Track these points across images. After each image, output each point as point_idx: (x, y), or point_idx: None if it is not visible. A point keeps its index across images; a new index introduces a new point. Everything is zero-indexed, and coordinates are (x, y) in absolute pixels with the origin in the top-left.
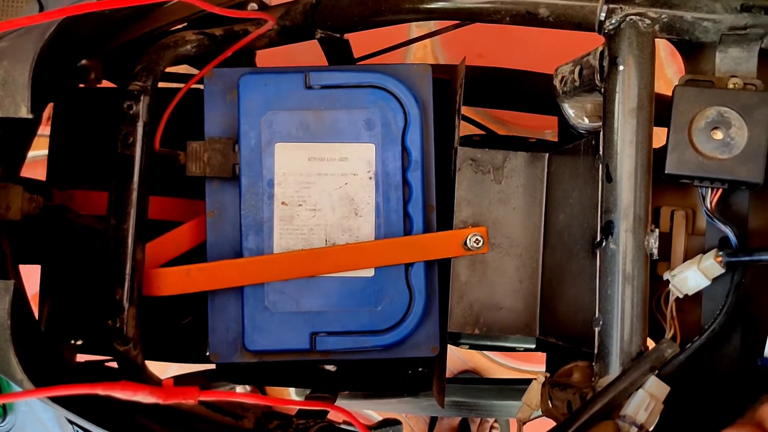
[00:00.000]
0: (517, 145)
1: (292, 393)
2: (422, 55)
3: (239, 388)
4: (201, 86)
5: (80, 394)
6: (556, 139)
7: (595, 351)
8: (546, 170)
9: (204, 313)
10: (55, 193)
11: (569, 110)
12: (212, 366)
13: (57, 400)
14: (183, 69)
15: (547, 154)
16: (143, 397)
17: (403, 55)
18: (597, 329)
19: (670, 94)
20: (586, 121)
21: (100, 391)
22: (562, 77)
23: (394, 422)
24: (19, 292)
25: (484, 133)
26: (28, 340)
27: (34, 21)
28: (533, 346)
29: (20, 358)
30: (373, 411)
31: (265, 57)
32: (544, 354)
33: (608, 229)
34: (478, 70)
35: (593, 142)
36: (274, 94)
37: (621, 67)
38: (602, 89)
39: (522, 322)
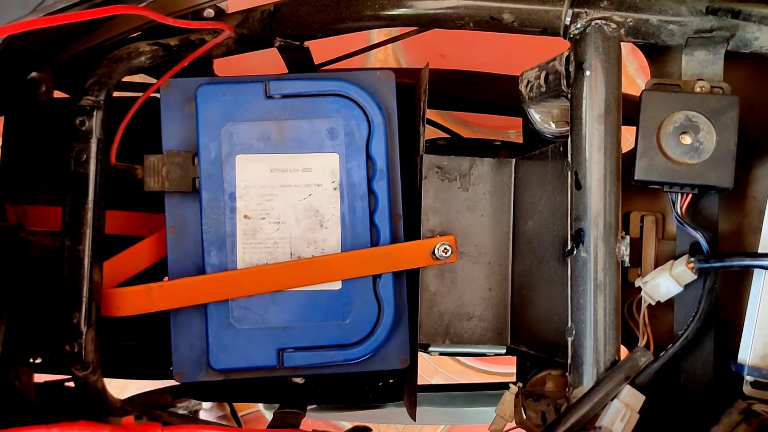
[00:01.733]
0: (483, 148)
1: (260, 406)
2: (383, 57)
3: (205, 404)
4: (158, 95)
5: None
6: (520, 140)
7: (569, 361)
8: (513, 176)
9: (163, 330)
10: (8, 208)
11: (535, 115)
12: (173, 382)
13: None
14: (139, 77)
15: (513, 160)
16: None
17: (364, 58)
18: (570, 339)
19: (632, 91)
20: (553, 126)
21: None
22: (528, 82)
23: (364, 429)
24: None
25: (448, 136)
26: None
27: None
28: (503, 351)
29: None
30: (346, 422)
31: (223, 64)
32: (513, 357)
33: (579, 237)
34: (441, 73)
35: (561, 149)
36: (233, 105)
37: (587, 72)
38: (569, 95)
39: (493, 331)
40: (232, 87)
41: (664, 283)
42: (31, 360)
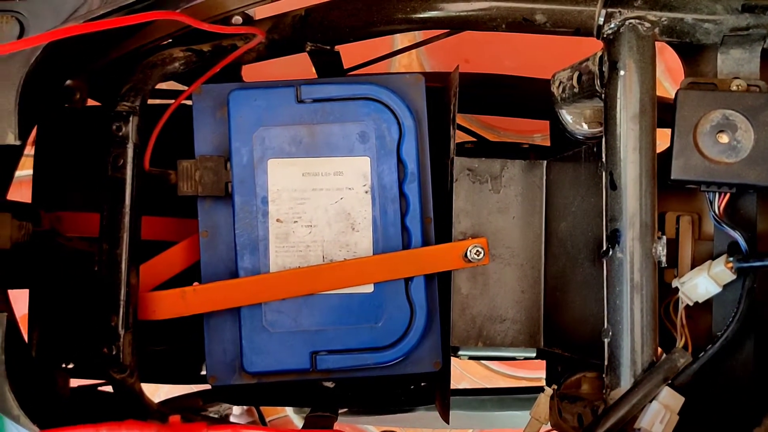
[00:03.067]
0: (511, 151)
1: (289, 411)
2: (407, 62)
3: (236, 408)
4: (189, 102)
5: None
6: (547, 143)
7: (605, 362)
8: (545, 178)
9: (194, 335)
10: (43, 215)
11: (567, 117)
12: (207, 386)
13: None
14: (168, 84)
15: (545, 162)
16: None
17: (387, 65)
18: (606, 340)
19: (659, 93)
20: (585, 127)
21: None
22: (560, 83)
23: None
24: (12, 324)
25: (475, 140)
26: (21, 373)
27: (18, 47)
28: (534, 355)
29: (16, 393)
30: (373, 426)
31: (247, 71)
32: (543, 361)
33: (614, 237)
34: (468, 77)
35: (594, 149)
36: (264, 110)
37: (622, 72)
38: (603, 95)
39: (526, 334)
40: (264, 92)
41: (702, 283)
42: (64, 365)
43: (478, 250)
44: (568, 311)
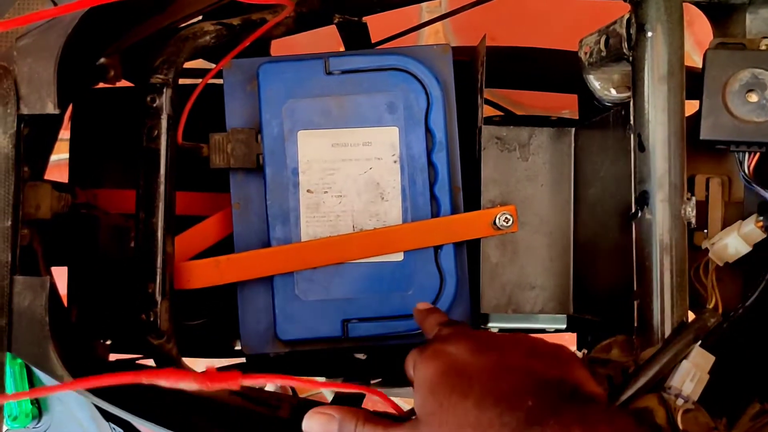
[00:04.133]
0: (539, 123)
1: (324, 391)
2: (434, 40)
3: (269, 386)
4: (218, 80)
5: (125, 383)
6: (575, 118)
7: (635, 324)
8: (573, 145)
9: (228, 309)
10: (79, 192)
11: (595, 83)
12: (240, 360)
13: (97, 394)
14: (196, 64)
15: (573, 129)
16: (187, 384)
17: (414, 39)
18: (636, 302)
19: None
20: (613, 92)
21: (145, 379)
22: (587, 48)
23: None
24: (54, 289)
25: (502, 114)
26: (64, 336)
27: (51, 15)
28: (564, 326)
29: (60, 353)
30: (402, 402)
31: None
32: (573, 335)
33: (643, 199)
34: (494, 50)
35: (623, 113)
36: (294, 82)
37: (649, 34)
38: (630, 58)
39: (555, 301)
40: (293, 65)
41: (732, 243)
42: (102, 341)
43: (506, 218)
44: (598, 277)
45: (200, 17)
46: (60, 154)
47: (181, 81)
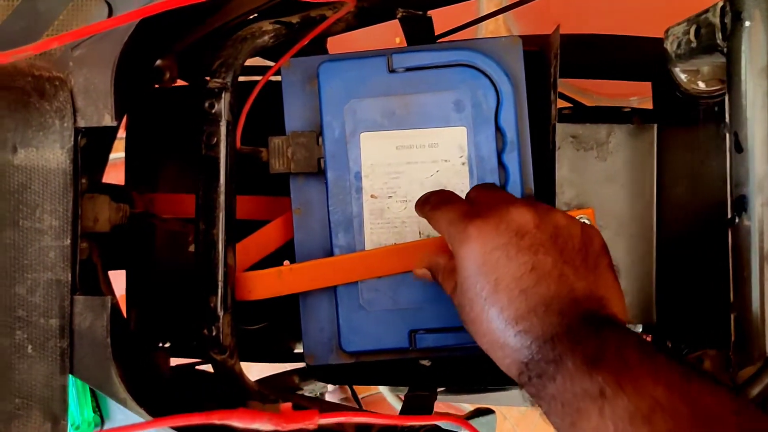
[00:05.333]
0: (612, 115)
1: (382, 389)
2: (494, 28)
3: (330, 387)
4: (276, 77)
5: (196, 424)
6: (644, 106)
7: (732, 339)
8: (655, 142)
9: (288, 314)
10: (136, 197)
11: (681, 75)
12: (300, 364)
13: None
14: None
15: (655, 125)
16: (262, 425)
17: (474, 31)
18: (733, 315)
19: None
20: (702, 85)
21: (216, 420)
22: (675, 39)
23: (487, 411)
24: (116, 308)
25: (571, 105)
26: (126, 355)
27: (110, 26)
28: (639, 331)
29: (122, 376)
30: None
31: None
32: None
33: (741, 204)
34: (566, 38)
35: (715, 109)
36: (355, 81)
37: (747, 23)
38: (725, 49)
39: (637, 308)
40: (354, 63)
41: None
42: (161, 344)
43: (584, 221)
44: (685, 284)
45: (255, 15)
46: (116, 153)
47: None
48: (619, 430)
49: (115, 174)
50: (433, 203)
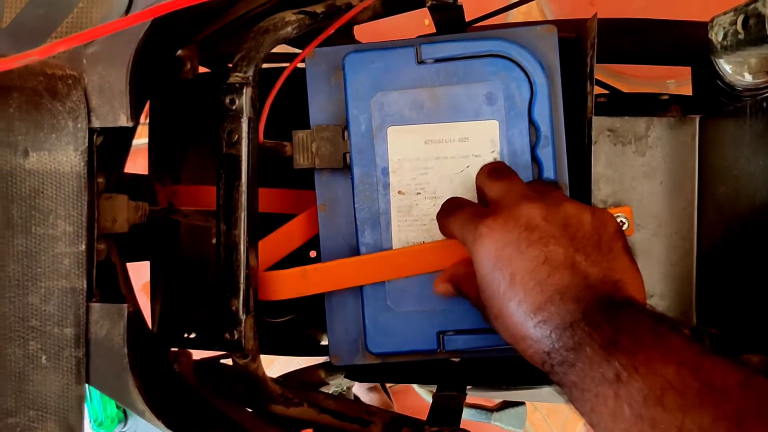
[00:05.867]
0: (650, 103)
1: (415, 387)
2: (526, 9)
3: (356, 385)
4: (301, 65)
5: None
6: (682, 90)
7: None
8: (698, 137)
9: (312, 308)
10: (159, 189)
11: (725, 66)
12: (325, 358)
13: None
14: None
15: (697, 118)
16: None
17: (504, 15)
18: None
19: None
20: (748, 77)
21: None
22: (720, 29)
23: (517, 403)
24: (135, 315)
25: (607, 92)
26: (145, 362)
27: (124, 25)
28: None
29: (140, 386)
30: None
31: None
32: None
33: None
34: (604, 23)
35: (765, 104)
36: (383, 73)
37: None
38: None
39: (675, 311)
40: (382, 53)
41: None
42: (186, 335)
43: (621, 221)
44: (728, 286)
45: (278, 2)
46: (137, 140)
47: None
48: (634, 412)
49: (139, 161)
50: (444, 210)
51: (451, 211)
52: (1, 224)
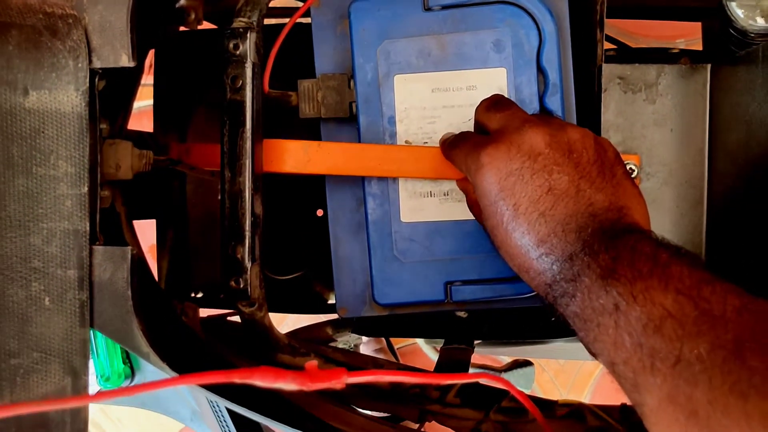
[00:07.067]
0: (659, 56)
1: (418, 340)
2: None
3: (365, 338)
4: (305, 20)
5: (216, 383)
6: (691, 47)
7: None
8: (708, 84)
9: (320, 265)
10: (174, 146)
11: (737, 11)
12: (332, 316)
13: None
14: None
15: (708, 66)
16: (285, 384)
17: None
18: None
19: None
20: (761, 21)
21: (237, 379)
22: None
23: (525, 363)
24: (139, 259)
25: (615, 47)
26: (150, 307)
27: None
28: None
29: (145, 329)
30: (507, 357)
31: None
32: None
33: None
34: None
35: None
36: (389, 21)
37: None
38: None
39: None
40: (388, 1)
41: None
42: (193, 295)
43: (630, 168)
44: (740, 235)
45: None
46: (143, 101)
47: (266, 21)
48: (634, 342)
49: (144, 123)
50: (450, 142)
51: (455, 143)
52: (1, 164)
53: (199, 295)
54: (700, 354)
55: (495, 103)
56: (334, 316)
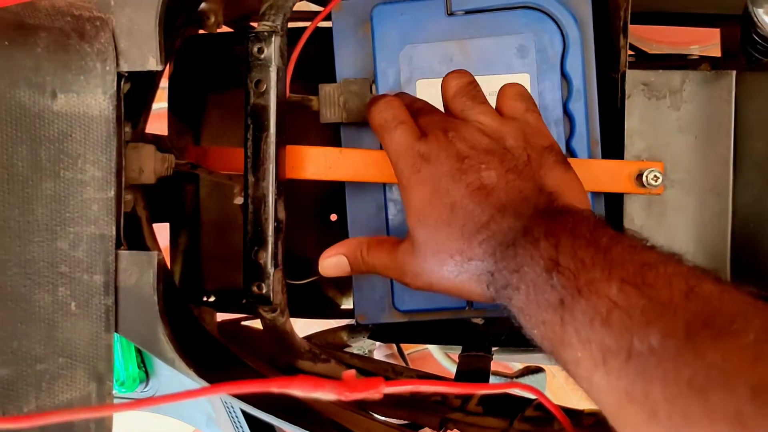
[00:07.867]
0: (680, 63)
1: (432, 349)
2: None
3: (379, 344)
4: (325, 24)
5: (253, 392)
6: (705, 53)
7: None
8: (734, 91)
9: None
10: (190, 149)
11: (764, 17)
12: (349, 321)
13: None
14: (300, 6)
15: (734, 72)
16: (323, 393)
17: None
18: None
19: None
20: None
21: (276, 388)
22: None
23: (537, 370)
24: (162, 264)
25: (633, 53)
26: (174, 313)
27: None
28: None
29: (171, 335)
30: (519, 363)
31: None
32: None
33: None
34: None
35: None
36: (411, 25)
37: None
38: None
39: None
40: (411, 5)
41: None
42: (206, 299)
43: (655, 176)
44: (765, 245)
45: None
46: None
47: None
48: (582, 338)
49: (156, 126)
50: (379, 112)
51: (387, 125)
52: (29, 167)
53: (212, 299)
54: (651, 345)
55: (419, 111)
56: (345, 321)
